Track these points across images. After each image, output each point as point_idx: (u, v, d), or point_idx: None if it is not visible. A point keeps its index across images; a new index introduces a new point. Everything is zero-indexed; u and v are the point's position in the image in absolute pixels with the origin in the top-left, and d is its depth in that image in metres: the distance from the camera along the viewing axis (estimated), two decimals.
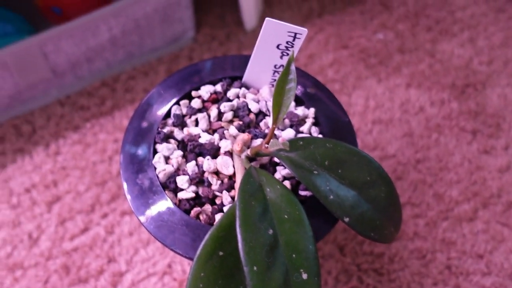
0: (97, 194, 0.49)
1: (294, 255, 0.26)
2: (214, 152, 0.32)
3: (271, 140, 0.27)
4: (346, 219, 0.29)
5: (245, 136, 0.31)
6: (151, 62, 0.58)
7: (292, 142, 0.30)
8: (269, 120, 0.34)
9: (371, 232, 0.30)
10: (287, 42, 0.31)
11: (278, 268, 0.25)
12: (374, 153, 0.52)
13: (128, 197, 0.31)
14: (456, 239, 0.47)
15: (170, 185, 0.31)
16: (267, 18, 0.30)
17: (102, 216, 0.48)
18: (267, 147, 0.29)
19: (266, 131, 0.33)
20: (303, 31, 0.30)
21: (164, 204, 0.30)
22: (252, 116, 0.34)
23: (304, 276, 0.26)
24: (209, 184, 0.31)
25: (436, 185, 0.50)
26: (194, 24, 0.59)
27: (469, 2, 0.64)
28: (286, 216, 0.27)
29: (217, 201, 0.31)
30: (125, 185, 0.31)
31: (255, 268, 0.24)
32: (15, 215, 0.48)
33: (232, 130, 0.33)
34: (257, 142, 0.32)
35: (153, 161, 0.32)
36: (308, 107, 0.34)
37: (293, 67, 0.28)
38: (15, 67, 0.49)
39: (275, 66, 0.34)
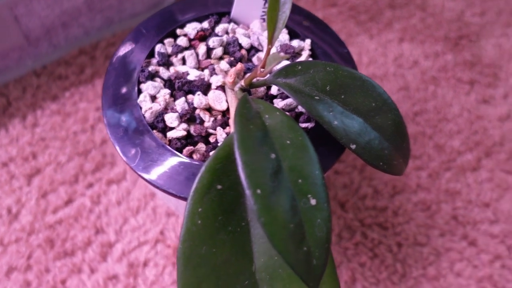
0: (80, 164, 0.46)
1: (300, 180, 0.24)
2: (205, 89, 0.30)
3: (270, 54, 0.24)
4: (353, 146, 0.27)
5: (237, 66, 0.28)
6: (132, 28, 0.55)
7: (290, 67, 0.27)
8: (261, 54, 0.32)
9: (380, 162, 0.28)
10: None
11: (284, 193, 0.23)
12: None
13: (112, 139, 0.28)
14: (460, 189, 0.45)
15: (158, 125, 0.29)
16: None
17: (87, 186, 0.45)
18: (263, 71, 0.26)
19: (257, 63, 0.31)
20: None
21: (153, 143, 0.28)
22: (243, 51, 0.32)
23: (313, 201, 0.23)
24: (202, 121, 0.29)
25: (436, 137, 0.48)
26: None
27: None
28: (288, 142, 0.25)
29: (211, 140, 0.29)
30: (107, 127, 0.28)
31: (258, 191, 0.22)
32: None
33: (223, 65, 0.30)
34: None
35: (138, 100, 0.29)
36: (303, 39, 0.32)
37: None
38: None
39: None
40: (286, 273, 0.25)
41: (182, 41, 0.32)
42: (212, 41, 0.31)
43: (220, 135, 0.28)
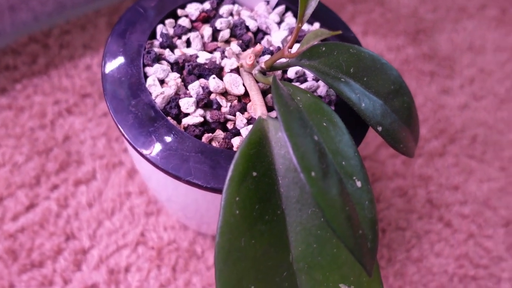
0: (40, 164, 0.41)
1: (344, 163, 0.23)
2: (217, 72, 0.28)
3: (309, 34, 0.23)
4: (379, 128, 0.26)
5: (257, 47, 0.26)
6: (88, 14, 0.50)
7: (314, 48, 0.26)
8: (270, 38, 0.30)
9: (400, 144, 0.28)
10: None
11: (334, 176, 0.22)
12: None
13: (121, 127, 0.25)
14: (431, 174, 0.47)
15: (171, 111, 0.26)
16: None
17: (51, 189, 0.40)
18: (291, 52, 0.25)
19: (271, 48, 0.30)
20: None
21: (169, 130, 0.25)
22: (250, 34, 0.30)
23: (358, 183, 0.23)
24: (219, 107, 0.27)
25: None
26: None
27: None
28: (324, 124, 0.24)
29: (229, 126, 0.27)
30: (114, 114, 0.25)
31: (313, 173, 0.21)
32: None
33: (235, 47, 0.29)
34: (264, 58, 0.28)
35: (147, 85, 0.26)
36: (311, 23, 0.31)
37: None
38: None
39: None
40: (326, 261, 0.24)
41: (184, 22, 0.29)
42: (220, 23, 0.29)
43: (241, 120, 0.26)
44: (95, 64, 0.47)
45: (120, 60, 0.27)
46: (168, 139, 0.25)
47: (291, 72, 0.29)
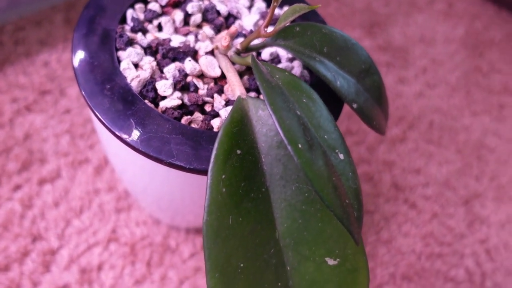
0: (1, 164, 0.39)
1: (326, 136, 0.24)
2: (192, 55, 0.27)
3: (286, 10, 0.24)
4: (354, 105, 0.27)
5: (231, 29, 0.26)
6: (43, 10, 0.48)
7: (288, 29, 0.27)
8: (241, 22, 0.30)
9: (373, 121, 0.29)
10: None
11: (317, 149, 0.22)
12: None
13: (97, 112, 0.24)
14: (394, 159, 0.49)
15: (148, 94, 0.26)
16: None
17: (14, 189, 0.38)
18: (267, 31, 0.25)
19: (243, 32, 0.30)
20: None
21: (147, 113, 0.25)
22: (221, 19, 0.30)
23: (341, 156, 0.23)
24: (196, 89, 0.27)
25: None
26: None
27: None
28: (304, 100, 0.24)
29: (207, 108, 0.27)
30: (88, 98, 0.24)
31: (299, 145, 0.21)
32: None
33: (208, 31, 0.29)
34: (238, 41, 0.29)
35: (121, 68, 0.26)
36: (281, 7, 0.32)
37: None
38: None
39: None
40: (311, 236, 0.24)
41: (154, 7, 0.29)
42: (191, 7, 0.29)
43: (219, 102, 0.26)
44: (53, 60, 0.46)
45: (91, 45, 0.26)
46: (147, 122, 0.24)
47: (266, 54, 0.29)
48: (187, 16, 0.29)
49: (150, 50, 0.27)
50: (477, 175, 0.50)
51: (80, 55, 0.26)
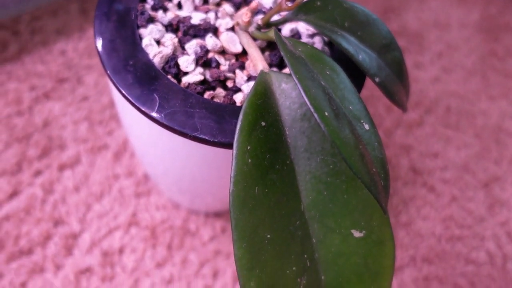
0: (21, 151, 0.40)
1: (351, 107, 0.24)
2: (213, 32, 0.27)
3: None
4: (377, 79, 0.27)
5: (252, 4, 0.26)
6: (59, 1, 0.49)
7: (309, 3, 0.27)
8: (260, 0, 0.30)
9: (395, 96, 0.28)
10: None
11: (343, 118, 0.22)
12: None
13: (121, 88, 0.24)
14: (411, 143, 0.49)
15: (170, 70, 0.26)
16: None
17: (35, 175, 0.39)
18: (288, 5, 0.25)
19: (263, 9, 0.30)
20: None
21: (171, 88, 0.25)
22: None
23: (366, 126, 0.23)
24: (217, 65, 0.27)
25: (383, 99, 0.51)
26: None
27: None
28: (327, 72, 0.24)
29: (228, 84, 0.27)
30: (112, 74, 0.25)
31: (326, 113, 0.21)
32: None
33: (228, 8, 0.29)
34: (258, 18, 0.28)
35: (143, 45, 0.26)
36: None
37: None
38: None
39: None
40: (337, 208, 0.24)
41: None
42: None
43: (241, 77, 0.26)
44: (70, 49, 0.46)
45: (113, 23, 0.26)
46: (171, 96, 0.24)
47: (286, 30, 0.29)
48: None
49: (171, 27, 0.27)
50: (496, 159, 0.50)
51: (102, 33, 0.26)
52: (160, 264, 0.37)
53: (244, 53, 0.28)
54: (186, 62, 0.26)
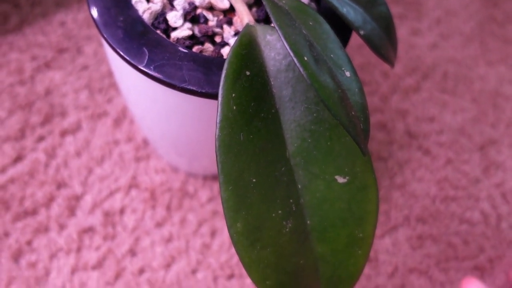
0: (24, 118, 0.41)
1: (332, 55, 0.24)
2: None
3: None
4: (362, 32, 0.28)
5: None
6: None
7: None
8: None
9: (381, 50, 0.29)
10: None
11: (323, 64, 0.23)
12: None
13: (111, 42, 0.25)
14: (408, 108, 0.49)
15: (159, 26, 0.27)
16: None
17: (37, 140, 0.40)
18: None
19: None
20: None
21: (160, 42, 0.26)
22: None
23: (347, 73, 0.24)
24: (206, 21, 0.27)
25: (380, 65, 0.52)
26: None
27: None
28: (310, 23, 0.25)
29: (217, 40, 0.27)
30: (103, 29, 0.26)
31: (305, 58, 0.22)
32: None
33: None
34: None
35: (133, 2, 0.27)
36: None
37: None
38: None
39: None
40: (321, 154, 0.25)
41: None
42: None
43: (229, 32, 0.27)
44: (69, 20, 0.47)
45: None
46: (160, 50, 0.25)
47: None
48: None
49: None
50: (493, 123, 0.50)
51: None
52: (160, 223, 0.38)
53: (231, 9, 0.28)
54: (174, 17, 0.26)
